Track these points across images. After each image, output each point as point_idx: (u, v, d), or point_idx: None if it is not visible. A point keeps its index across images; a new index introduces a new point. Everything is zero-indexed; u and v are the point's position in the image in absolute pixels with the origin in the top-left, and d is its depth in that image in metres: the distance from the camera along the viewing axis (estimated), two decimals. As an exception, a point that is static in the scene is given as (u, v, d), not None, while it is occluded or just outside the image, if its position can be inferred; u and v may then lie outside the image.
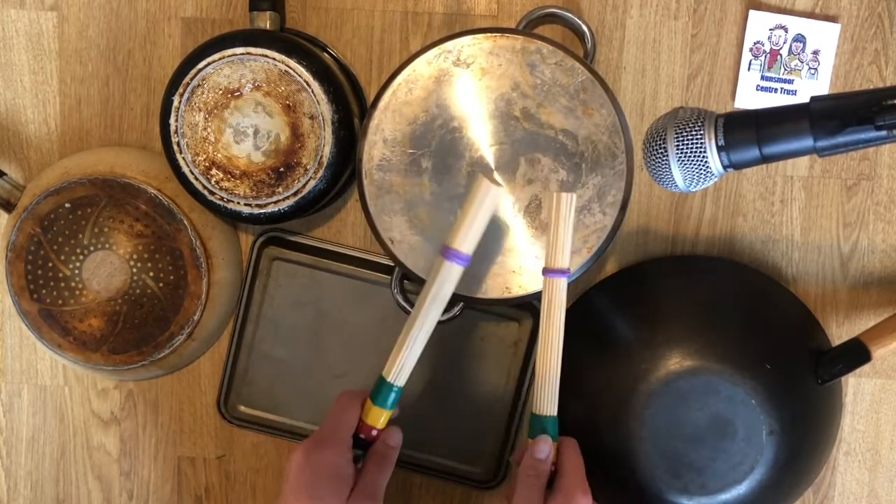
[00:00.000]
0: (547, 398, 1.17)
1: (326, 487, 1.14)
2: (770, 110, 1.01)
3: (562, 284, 1.14)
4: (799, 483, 1.34)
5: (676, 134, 1.02)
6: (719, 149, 1.01)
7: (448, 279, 1.16)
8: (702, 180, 1.03)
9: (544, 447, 1.15)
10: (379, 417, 1.19)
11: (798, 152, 0.99)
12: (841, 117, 0.96)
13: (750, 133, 1.00)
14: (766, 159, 1.00)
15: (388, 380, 1.19)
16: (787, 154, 1.00)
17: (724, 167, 1.02)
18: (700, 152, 1.01)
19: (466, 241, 1.15)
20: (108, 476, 1.44)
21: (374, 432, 1.20)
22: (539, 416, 1.17)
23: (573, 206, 1.13)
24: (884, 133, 0.95)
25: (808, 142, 0.98)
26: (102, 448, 1.43)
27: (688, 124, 1.02)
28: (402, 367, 1.18)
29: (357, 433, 1.19)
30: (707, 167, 1.02)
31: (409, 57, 1.21)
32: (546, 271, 1.14)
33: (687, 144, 1.01)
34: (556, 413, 1.17)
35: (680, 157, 1.02)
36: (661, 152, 1.03)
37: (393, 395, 1.19)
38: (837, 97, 0.99)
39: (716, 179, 1.03)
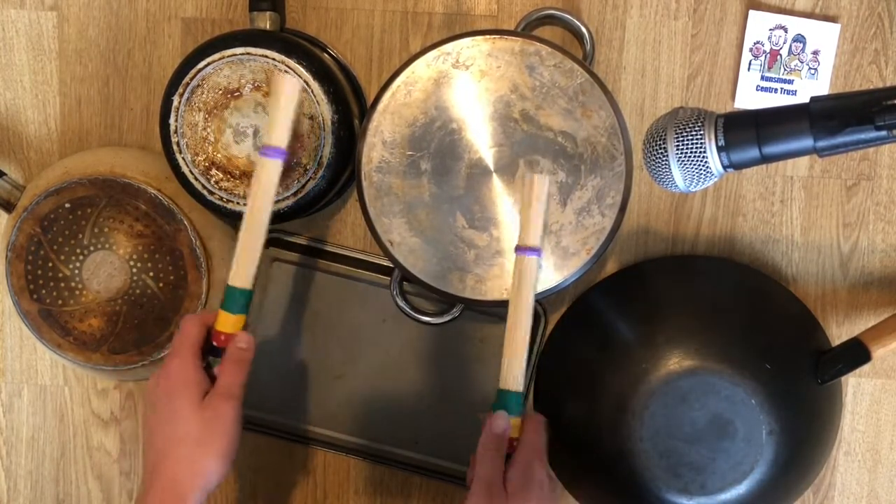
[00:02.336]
0: (513, 374, 1.17)
1: (177, 393, 1.14)
2: (770, 110, 1.01)
3: (532, 263, 1.16)
4: (799, 483, 1.34)
5: (676, 134, 1.02)
6: (719, 149, 1.00)
7: (270, 173, 1.17)
8: (702, 180, 1.03)
9: (500, 422, 1.17)
10: (228, 322, 1.18)
11: (798, 152, 0.99)
12: (841, 117, 0.96)
13: (750, 133, 1.00)
14: (766, 159, 1.00)
15: (232, 284, 1.18)
16: (787, 154, 0.99)
17: (724, 167, 1.01)
18: (700, 152, 1.01)
19: (276, 134, 1.17)
20: (108, 476, 1.44)
21: (231, 337, 1.19)
22: (504, 390, 1.18)
23: (545, 188, 1.15)
24: (884, 133, 0.95)
25: (808, 142, 0.97)
26: (102, 448, 1.43)
27: (688, 124, 1.02)
28: (245, 269, 1.18)
29: (216, 344, 1.19)
30: (707, 167, 1.01)
31: (408, 59, 1.21)
32: (518, 248, 1.16)
33: (687, 144, 1.01)
34: (521, 389, 1.18)
35: (680, 157, 1.02)
36: (661, 152, 1.03)
37: (241, 299, 1.18)
38: (837, 97, 0.99)
39: (716, 179, 1.03)
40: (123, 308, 1.32)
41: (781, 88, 1.32)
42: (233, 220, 1.32)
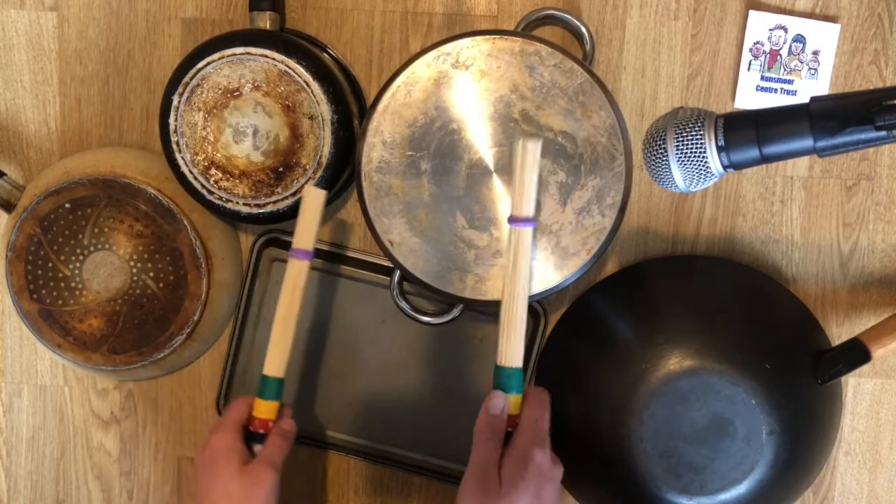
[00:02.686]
0: (511, 349, 1.18)
1: (219, 459, 1.21)
2: (770, 110, 1.01)
3: (527, 233, 1.16)
4: (799, 483, 1.34)
5: (676, 134, 1.02)
6: (719, 149, 1.00)
7: (300, 272, 1.24)
8: (702, 180, 1.03)
9: (497, 402, 1.17)
10: (264, 409, 1.25)
11: (798, 152, 0.99)
12: (841, 117, 0.96)
13: (750, 133, 1.00)
14: (766, 159, 1.00)
15: (266, 374, 1.24)
16: (787, 154, 0.99)
17: (724, 167, 1.01)
18: (700, 152, 1.01)
19: (304, 239, 1.24)
20: (108, 476, 1.44)
21: (267, 423, 1.25)
22: (502, 367, 1.18)
23: (538, 153, 1.15)
24: (884, 133, 0.95)
25: (808, 142, 0.97)
26: (102, 448, 1.43)
27: (688, 124, 1.02)
28: (276, 359, 1.24)
29: (253, 428, 1.25)
30: (707, 167, 1.01)
31: (408, 59, 1.21)
32: (512, 220, 1.16)
33: (687, 144, 1.01)
34: (520, 365, 1.18)
35: (680, 157, 1.02)
36: (661, 152, 1.03)
37: (273, 387, 1.24)
38: (837, 97, 0.99)
39: (716, 179, 1.03)
40: (123, 308, 1.32)
41: (781, 88, 1.32)
42: (232, 219, 1.32)
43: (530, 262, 1.18)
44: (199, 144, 1.27)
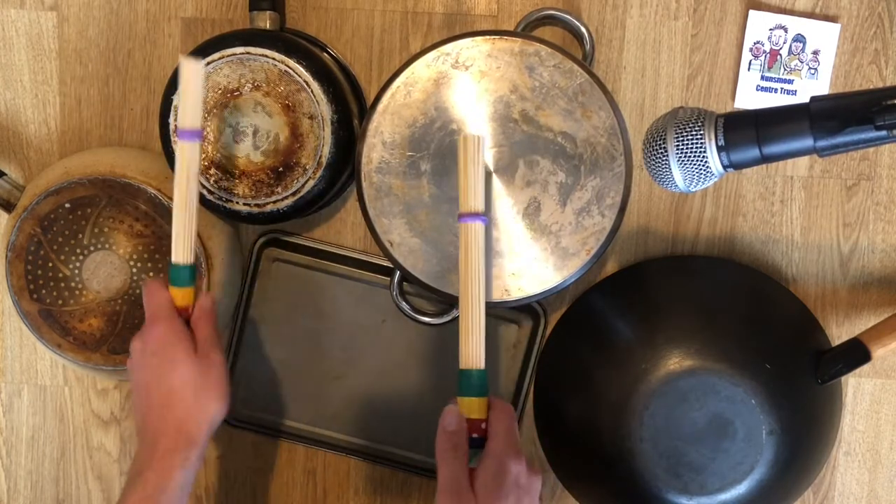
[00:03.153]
0: (473, 351, 1.16)
1: (171, 347, 1.20)
2: (770, 110, 1.01)
3: (478, 229, 1.15)
4: (799, 483, 1.34)
5: (676, 134, 1.02)
6: (719, 149, 1.00)
7: (189, 155, 1.20)
8: (702, 180, 1.03)
9: (452, 419, 1.13)
10: (182, 296, 1.23)
11: (798, 152, 0.99)
12: (841, 117, 0.96)
13: (750, 133, 0.99)
14: (766, 159, 1.00)
15: (176, 262, 1.22)
16: (787, 154, 0.99)
17: (724, 167, 1.01)
18: (700, 152, 1.01)
19: (189, 117, 1.19)
20: (108, 476, 1.44)
21: (188, 308, 1.24)
22: (466, 370, 1.16)
23: (481, 147, 1.14)
24: (884, 133, 0.95)
25: (808, 142, 0.97)
26: (102, 448, 1.43)
27: (688, 124, 1.02)
28: (181, 246, 1.22)
29: None
30: (707, 167, 1.01)
31: (408, 59, 1.21)
32: (461, 216, 1.15)
33: (687, 144, 1.01)
34: (483, 366, 1.16)
35: (680, 157, 1.02)
36: (661, 152, 1.03)
37: (185, 274, 1.22)
38: (837, 97, 0.99)
39: (716, 179, 1.03)
40: (123, 308, 1.32)
41: (781, 88, 1.32)
42: (232, 219, 1.32)
43: (485, 259, 1.17)
44: (198, 144, 1.27)
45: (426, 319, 1.30)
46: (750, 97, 1.32)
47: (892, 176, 1.34)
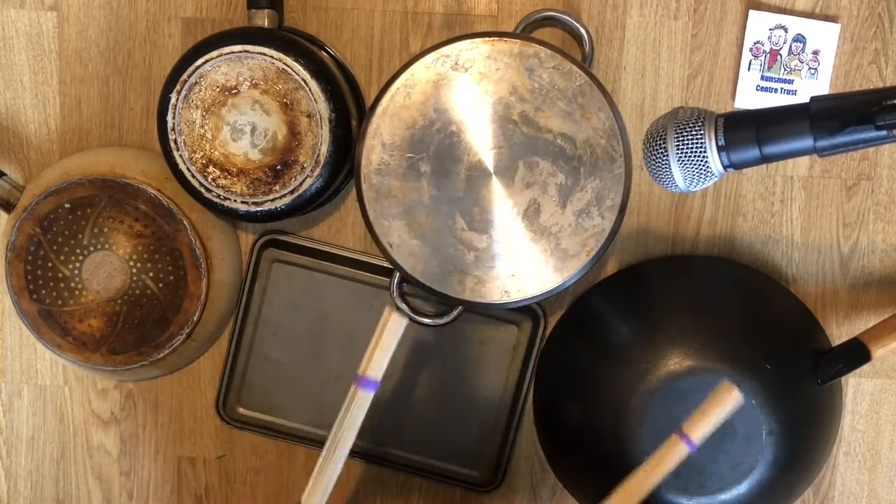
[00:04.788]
0: (321, 491, 1.18)
1: None
2: (770, 110, 1.00)
3: (365, 399, 1.17)
4: (799, 483, 1.34)
5: (676, 134, 1.02)
6: (719, 149, 1.00)
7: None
8: (702, 180, 1.03)
9: None
10: None
11: (798, 152, 0.99)
12: (841, 117, 0.96)
13: (750, 133, 0.99)
14: (766, 159, 1.00)
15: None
16: (787, 154, 0.99)
17: (725, 167, 1.01)
18: (700, 152, 1.01)
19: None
20: (108, 476, 1.44)
21: None
22: None
23: (401, 329, 1.16)
24: (884, 133, 0.95)
25: (808, 142, 0.97)
26: (102, 448, 1.43)
27: (688, 124, 1.01)
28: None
29: None
30: (707, 167, 1.01)
31: (407, 61, 1.21)
32: (359, 380, 1.17)
33: (687, 144, 1.01)
34: None
35: (680, 156, 1.01)
36: (662, 152, 1.02)
37: None
38: (837, 97, 0.99)
39: (716, 179, 1.03)
40: (123, 308, 1.32)
41: (781, 88, 1.32)
42: (230, 217, 1.32)
43: (356, 427, 1.17)
44: (196, 142, 1.27)
45: (426, 320, 1.30)
46: (750, 97, 1.32)
47: (892, 176, 1.34)
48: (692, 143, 1.01)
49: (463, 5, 1.34)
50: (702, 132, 1.01)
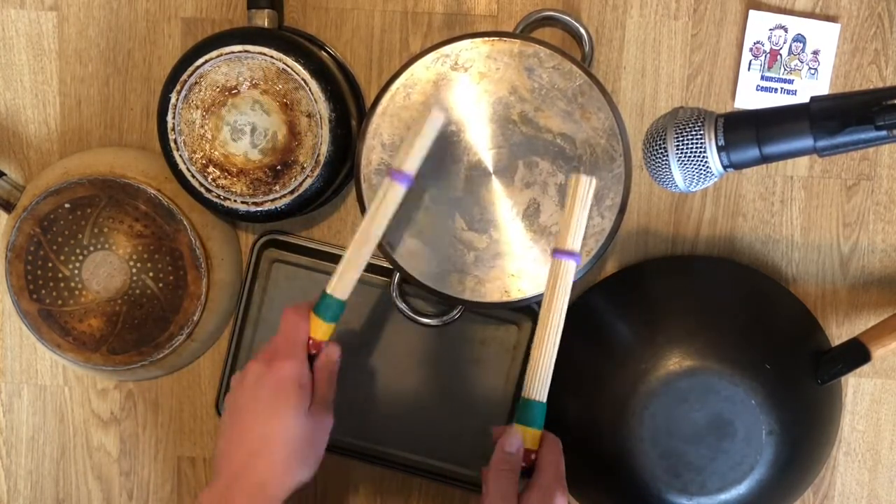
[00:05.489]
0: (539, 383, 1.14)
1: (287, 395, 1.13)
2: (770, 110, 1.00)
3: (569, 267, 1.12)
4: (799, 483, 1.34)
5: (676, 134, 1.02)
6: (719, 149, 1.00)
7: (394, 197, 1.15)
8: (702, 180, 1.03)
9: (514, 441, 1.12)
10: (320, 329, 1.18)
11: (798, 152, 0.99)
12: (841, 117, 0.96)
13: (750, 133, 0.99)
14: (766, 159, 1.00)
15: (332, 293, 1.17)
16: (787, 154, 0.99)
17: (725, 167, 1.01)
18: (700, 152, 1.01)
19: (410, 161, 1.15)
20: (108, 476, 1.44)
21: (320, 345, 1.19)
22: (529, 399, 1.13)
23: (592, 189, 1.11)
24: (884, 133, 0.95)
25: (808, 142, 0.97)
26: (102, 448, 1.43)
27: (688, 124, 1.01)
28: (345, 281, 1.17)
29: (308, 350, 1.18)
30: (707, 167, 1.01)
31: (407, 61, 1.21)
32: (555, 251, 1.12)
33: (687, 144, 1.01)
34: (545, 400, 1.14)
35: (680, 157, 1.01)
36: (661, 152, 1.03)
37: (337, 309, 1.17)
38: (837, 97, 0.99)
39: (716, 179, 1.03)
40: (123, 308, 1.32)
41: (781, 88, 1.32)
42: (230, 217, 1.32)
43: (568, 296, 1.13)
44: (196, 142, 1.27)
45: (426, 321, 1.31)
46: (750, 97, 1.32)
47: (892, 176, 1.34)
48: (692, 144, 1.01)
49: (463, 5, 1.34)
50: (702, 132, 1.01)
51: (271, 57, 1.24)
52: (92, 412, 1.43)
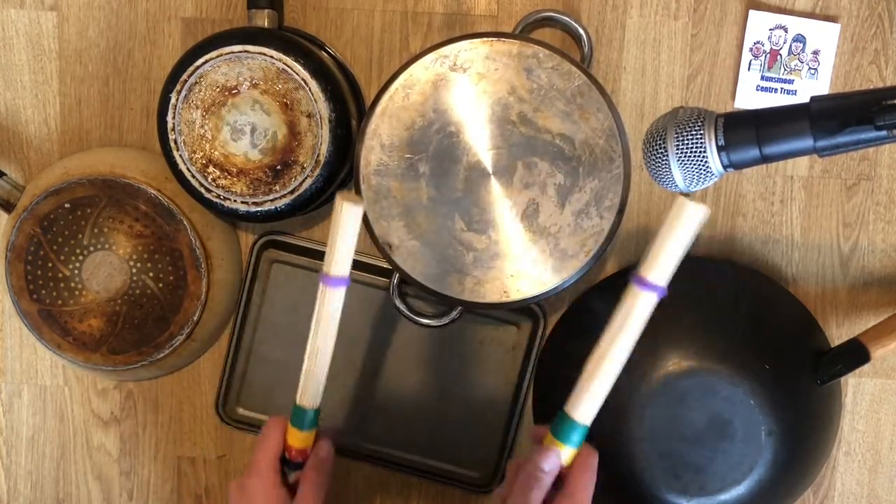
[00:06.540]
0: (588, 406, 1.09)
1: None
2: (770, 110, 1.00)
3: (650, 300, 1.06)
4: (798, 483, 1.34)
5: (676, 134, 1.01)
6: (719, 149, 1.00)
7: (333, 302, 1.12)
8: (702, 180, 1.03)
9: (554, 460, 1.09)
10: (299, 438, 1.17)
11: (798, 152, 0.99)
12: (841, 117, 0.96)
13: (750, 133, 0.99)
14: (766, 159, 1.00)
15: (301, 405, 1.16)
16: (787, 154, 0.99)
17: (724, 167, 1.01)
18: (700, 152, 1.00)
19: (337, 265, 1.10)
20: (108, 476, 1.44)
21: (305, 451, 1.18)
22: (572, 420, 1.09)
23: (700, 220, 1.02)
24: (884, 133, 0.94)
25: (808, 142, 0.97)
26: (102, 448, 1.44)
27: (687, 124, 1.01)
28: (310, 391, 1.16)
29: (289, 457, 1.17)
30: (707, 167, 1.01)
31: (406, 61, 1.21)
32: (641, 282, 1.07)
33: (687, 144, 1.01)
34: (588, 424, 1.09)
35: (680, 157, 1.01)
36: (661, 152, 1.02)
37: (308, 417, 1.16)
38: (837, 97, 0.98)
39: (716, 179, 1.03)
40: (123, 308, 1.32)
41: (781, 88, 1.32)
42: (230, 217, 1.32)
43: (642, 325, 1.08)
44: (196, 142, 1.27)
45: (425, 321, 1.31)
46: (750, 97, 1.32)
47: (892, 176, 1.34)
48: (692, 143, 1.00)
49: (463, 5, 1.34)
50: (702, 132, 1.00)
51: (271, 57, 1.24)
52: (92, 412, 1.43)
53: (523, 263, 1.21)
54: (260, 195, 1.27)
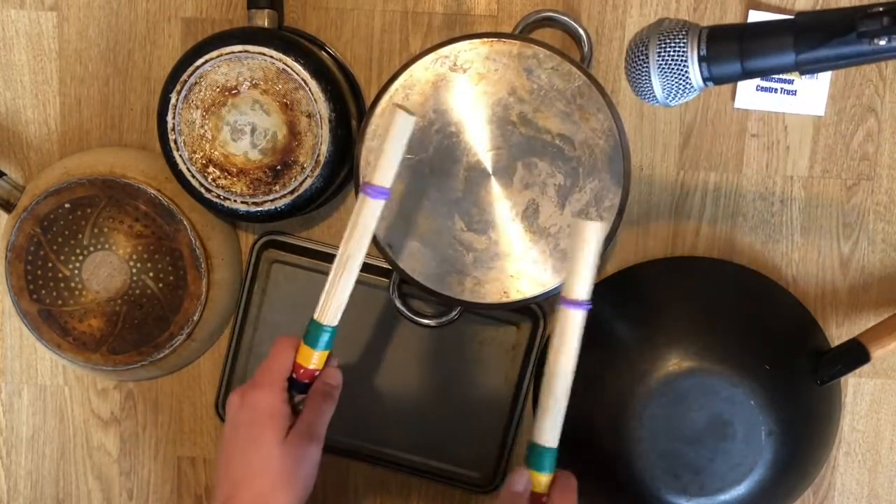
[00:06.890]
0: (548, 428, 1.11)
1: (261, 424, 1.11)
2: (756, 24, 0.98)
3: (577, 317, 1.08)
4: (798, 483, 1.34)
5: (659, 42, 0.99)
6: (700, 59, 0.97)
7: (371, 213, 1.11)
8: (681, 93, 1.00)
9: (521, 480, 1.10)
10: (311, 358, 1.15)
11: (780, 68, 0.96)
12: (825, 30, 0.93)
13: (733, 46, 0.96)
14: (746, 74, 0.97)
15: (318, 320, 1.14)
16: (768, 69, 0.96)
17: (704, 80, 0.98)
18: (681, 62, 0.98)
19: (382, 174, 1.10)
20: (108, 476, 1.44)
21: (313, 373, 1.16)
22: (537, 445, 1.12)
23: (600, 235, 1.06)
24: (866, 47, 0.91)
25: (790, 56, 0.95)
26: (102, 448, 1.44)
27: (671, 33, 0.98)
28: (330, 307, 1.14)
29: (297, 377, 1.15)
30: (687, 78, 0.98)
31: (406, 62, 1.21)
32: (563, 300, 1.08)
33: (669, 52, 0.98)
34: (555, 445, 1.12)
35: (661, 65, 0.99)
36: (643, 60, 1.00)
37: (325, 336, 1.14)
38: (824, 11, 0.97)
39: (695, 94, 1.00)
40: (123, 308, 1.32)
41: (781, 88, 1.32)
42: (230, 217, 1.32)
43: (578, 343, 1.09)
44: (196, 142, 1.27)
45: (425, 321, 1.31)
46: (750, 97, 1.32)
47: (892, 176, 1.34)
48: (674, 52, 0.98)
49: (463, 5, 1.34)
50: (685, 42, 0.98)
51: (271, 57, 1.24)
52: (92, 412, 1.43)
53: (523, 264, 1.21)
54: (260, 195, 1.27)
